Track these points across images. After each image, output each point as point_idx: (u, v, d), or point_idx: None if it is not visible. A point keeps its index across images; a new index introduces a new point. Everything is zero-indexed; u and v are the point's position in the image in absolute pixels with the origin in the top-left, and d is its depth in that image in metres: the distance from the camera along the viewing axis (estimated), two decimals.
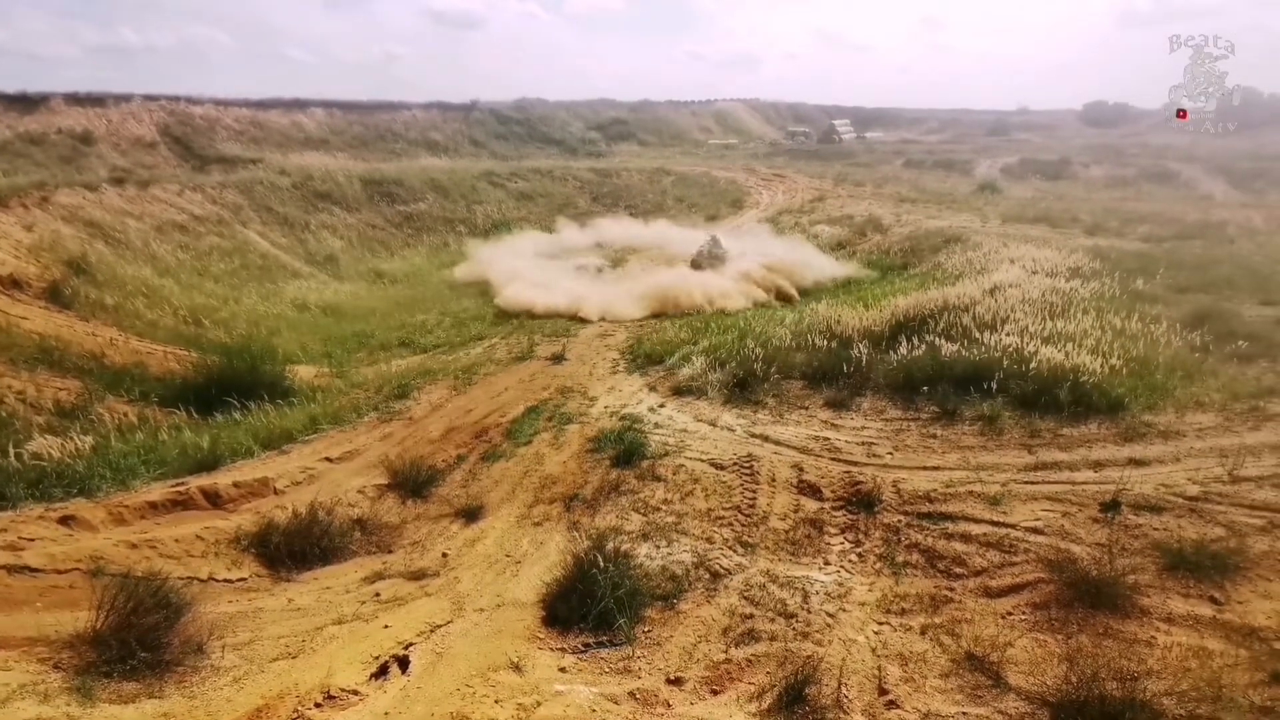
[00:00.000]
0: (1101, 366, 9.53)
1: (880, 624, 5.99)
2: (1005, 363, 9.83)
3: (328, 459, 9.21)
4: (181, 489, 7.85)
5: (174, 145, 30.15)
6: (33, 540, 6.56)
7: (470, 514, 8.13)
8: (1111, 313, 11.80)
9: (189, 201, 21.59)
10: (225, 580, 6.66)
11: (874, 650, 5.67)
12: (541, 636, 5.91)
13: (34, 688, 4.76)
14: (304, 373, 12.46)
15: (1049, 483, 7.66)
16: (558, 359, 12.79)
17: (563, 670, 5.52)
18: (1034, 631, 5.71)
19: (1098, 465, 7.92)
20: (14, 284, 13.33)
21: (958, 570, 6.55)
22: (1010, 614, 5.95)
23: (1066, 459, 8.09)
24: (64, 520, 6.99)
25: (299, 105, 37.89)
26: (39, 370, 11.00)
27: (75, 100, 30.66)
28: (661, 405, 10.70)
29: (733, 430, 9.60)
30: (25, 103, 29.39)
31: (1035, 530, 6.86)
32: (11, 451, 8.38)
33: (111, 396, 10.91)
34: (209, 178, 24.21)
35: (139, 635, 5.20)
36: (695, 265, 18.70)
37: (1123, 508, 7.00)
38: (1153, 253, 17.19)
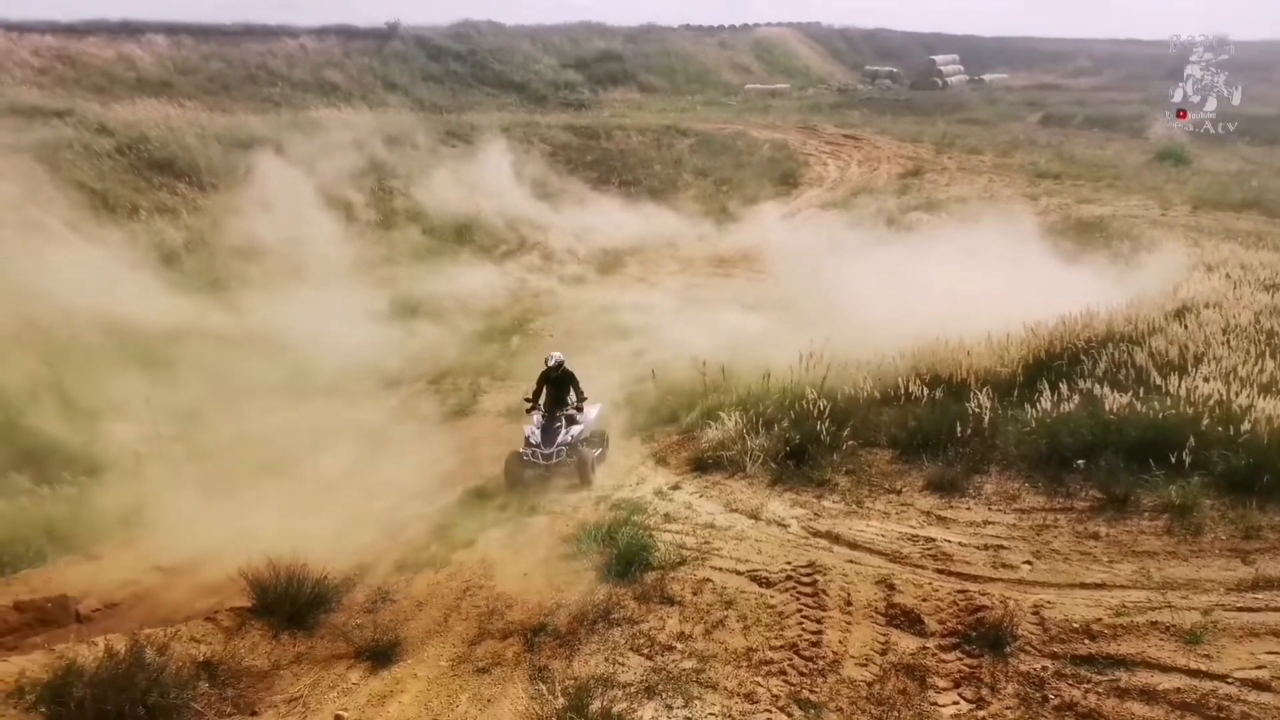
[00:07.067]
0: None
1: None
2: (1203, 423, 9.83)
3: (160, 567, 9.18)
4: None
5: None
6: None
7: (379, 654, 8.03)
8: None
9: None
10: None
11: None
12: None
13: None
14: (123, 434, 12.49)
15: (1275, 609, 7.59)
16: (522, 413, 12.76)
17: None
18: None
19: None
20: None
21: None
22: None
23: None
24: None
25: (129, 31, 38.47)
26: None
27: None
28: (675, 487, 10.67)
29: (785, 526, 9.57)
30: None
31: (1256, 684, 6.78)
32: None
33: None
34: None
35: None
36: (511, 474, 11.43)
37: None
38: None
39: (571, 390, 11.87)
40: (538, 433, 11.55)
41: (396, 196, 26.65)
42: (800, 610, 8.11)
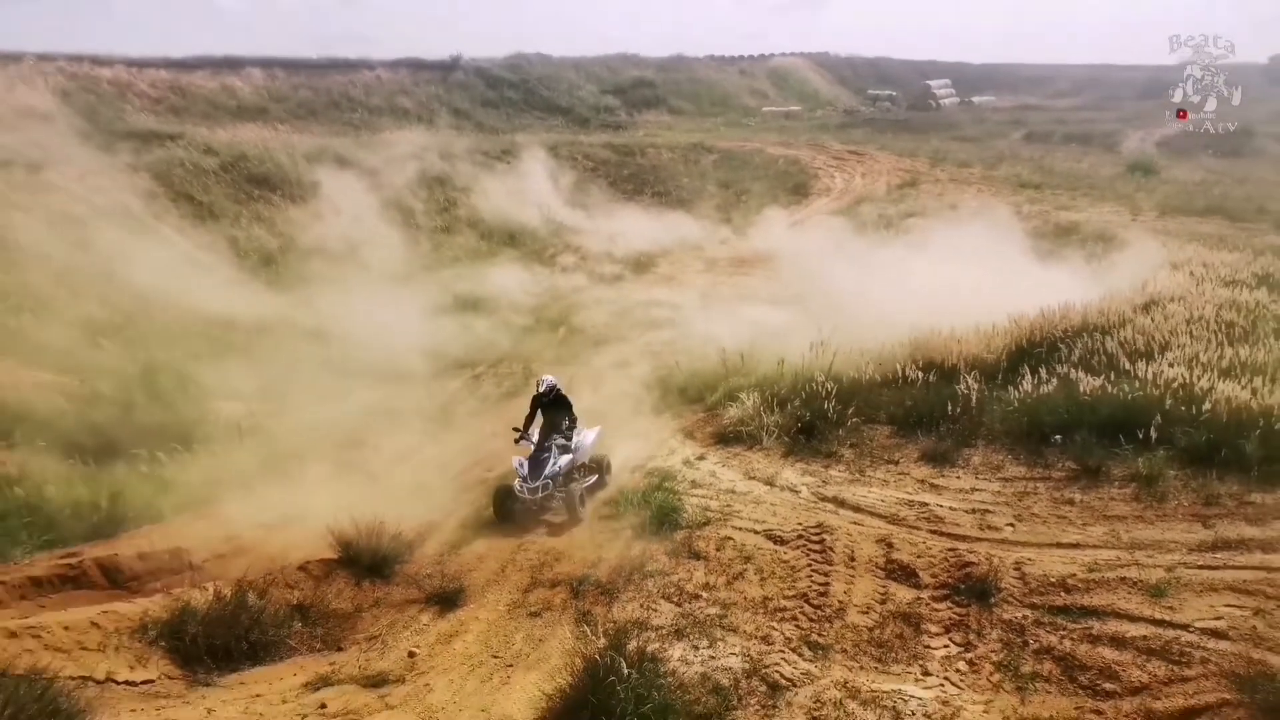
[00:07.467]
0: None
1: None
2: (1168, 403, 9.72)
3: (260, 524, 9.31)
4: (73, 561, 7.99)
5: (74, 117, 31.17)
6: None
7: (446, 600, 8.16)
8: None
9: (91, 189, 22.25)
10: (127, 683, 6.72)
11: None
12: None
13: None
14: (228, 411, 12.69)
15: (1232, 567, 7.51)
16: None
17: None
18: None
19: None
20: None
21: (1107, 686, 6.42)
22: None
23: (1256, 536, 7.92)
24: None
25: (230, 65, 39.00)
26: None
27: None
28: (701, 457, 10.69)
29: (797, 491, 9.57)
30: None
31: (1215, 633, 6.71)
32: None
33: None
34: (117, 159, 24.95)
35: None
36: (501, 507, 9.67)
37: None
38: None
39: (566, 417, 10.07)
40: (525, 465, 9.72)
41: (456, 206, 26.83)
42: (810, 565, 8.13)
